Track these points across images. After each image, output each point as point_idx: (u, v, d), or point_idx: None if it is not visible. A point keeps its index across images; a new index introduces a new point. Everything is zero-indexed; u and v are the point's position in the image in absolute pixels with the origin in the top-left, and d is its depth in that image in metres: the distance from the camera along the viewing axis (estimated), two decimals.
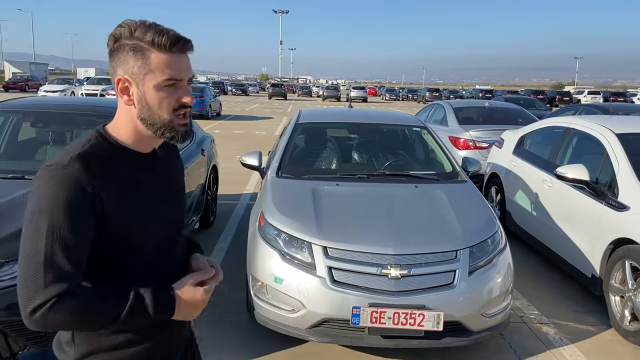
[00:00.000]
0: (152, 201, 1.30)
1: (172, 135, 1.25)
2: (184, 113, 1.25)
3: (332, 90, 48.45)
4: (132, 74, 1.20)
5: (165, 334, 1.36)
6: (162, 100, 1.21)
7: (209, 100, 21.86)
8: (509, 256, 3.49)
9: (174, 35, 1.21)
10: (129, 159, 1.27)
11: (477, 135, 8.01)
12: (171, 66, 1.20)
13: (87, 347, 1.26)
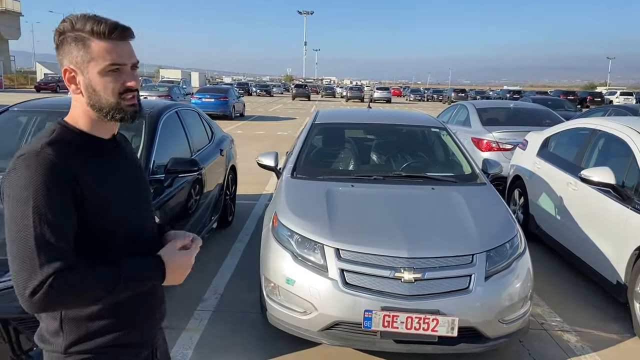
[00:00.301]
0: (121, 184, 1.37)
1: (121, 116, 1.32)
2: (131, 96, 1.31)
3: (355, 91, 48.26)
4: (77, 63, 1.27)
5: (148, 319, 1.45)
6: (107, 85, 1.28)
7: (232, 101, 22.04)
8: (528, 261, 3.39)
9: (112, 23, 1.27)
10: (93, 144, 1.34)
11: (500, 137, 7.85)
12: (112, 52, 1.27)
13: (76, 335, 1.30)
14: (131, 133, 4.28)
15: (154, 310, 1.47)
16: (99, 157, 1.33)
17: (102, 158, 1.34)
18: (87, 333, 1.31)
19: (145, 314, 1.44)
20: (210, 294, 4.24)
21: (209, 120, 5.95)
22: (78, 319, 1.30)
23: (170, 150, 4.33)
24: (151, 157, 3.94)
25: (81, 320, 1.30)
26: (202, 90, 23.26)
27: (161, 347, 1.58)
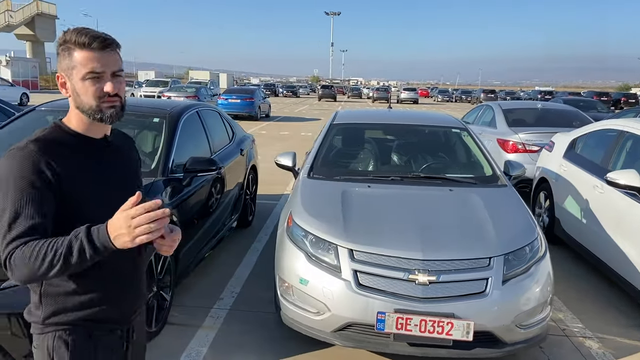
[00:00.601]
0: (106, 181, 1.49)
1: (100, 117, 1.45)
2: (111, 100, 1.44)
3: (382, 91, 48.00)
4: (64, 70, 1.44)
5: (123, 298, 1.56)
6: (87, 89, 1.42)
7: (258, 102, 22.21)
8: (548, 265, 3.30)
9: (93, 35, 1.42)
10: (82, 143, 1.48)
11: (527, 138, 7.68)
12: (91, 61, 1.41)
13: (53, 308, 1.46)
14: (153, 132, 4.35)
15: (129, 290, 1.59)
16: (86, 155, 1.47)
17: (90, 156, 1.48)
18: (64, 307, 1.46)
19: (120, 293, 1.55)
20: (227, 293, 4.26)
21: (230, 120, 6.00)
22: (55, 294, 1.45)
23: (190, 150, 4.37)
24: (170, 156, 3.99)
25: (58, 295, 1.45)
26: (229, 91, 23.50)
27: (138, 329, 1.68)
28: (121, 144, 1.64)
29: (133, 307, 1.62)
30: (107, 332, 1.54)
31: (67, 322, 1.47)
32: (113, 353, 1.57)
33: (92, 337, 1.50)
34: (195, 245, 4.23)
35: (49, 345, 1.47)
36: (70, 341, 1.47)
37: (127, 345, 1.62)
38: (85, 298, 1.47)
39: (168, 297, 3.67)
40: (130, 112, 4.62)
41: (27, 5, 51.40)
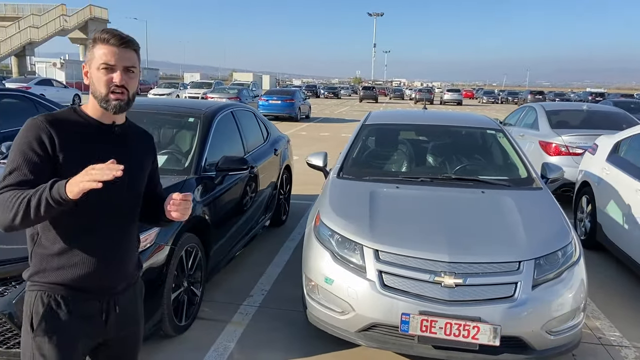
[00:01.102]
0: (98, 160, 1.53)
1: (105, 106, 1.65)
2: (119, 91, 1.64)
3: (425, 92, 47.39)
4: (87, 60, 1.68)
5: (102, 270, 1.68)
6: (99, 78, 1.64)
7: (298, 103, 22.38)
8: (582, 271, 3.19)
9: (113, 33, 1.64)
10: (88, 126, 1.68)
11: (570, 141, 7.43)
12: (106, 55, 1.63)
13: (37, 267, 1.66)
14: (188, 132, 4.46)
15: (109, 266, 1.71)
16: (90, 136, 1.67)
17: (90, 137, 1.67)
18: (44, 268, 1.65)
19: (99, 267, 1.68)
20: (256, 290, 4.33)
21: (264, 121, 6.08)
22: (40, 255, 1.66)
23: (224, 149, 4.46)
24: (203, 155, 4.09)
25: (42, 256, 1.65)
26: (269, 92, 23.78)
27: (125, 305, 1.80)
28: (133, 137, 1.81)
29: (114, 283, 1.74)
30: (82, 300, 1.68)
31: (46, 282, 1.64)
32: (88, 321, 1.70)
33: (68, 301, 1.65)
34: (227, 243, 4.31)
35: (30, 301, 1.66)
36: (46, 301, 1.64)
37: (107, 316, 1.73)
38: (63, 263, 1.64)
39: (198, 293, 3.76)
40: (168, 112, 4.78)
41: (81, 10, 53.55)
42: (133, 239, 1.83)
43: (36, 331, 1.63)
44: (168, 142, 4.51)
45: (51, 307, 1.64)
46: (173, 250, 3.31)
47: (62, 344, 1.64)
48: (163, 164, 4.05)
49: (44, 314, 1.64)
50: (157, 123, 4.69)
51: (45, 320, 1.63)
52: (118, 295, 1.77)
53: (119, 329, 1.79)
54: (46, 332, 1.63)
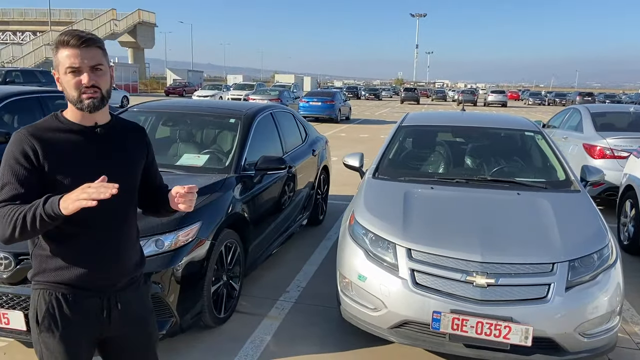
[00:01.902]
0: (86, 162, 1.70)
1: (80, 107, 1.67)
2: (91, 91, 1.65)
3: (468, 94, 46.62)
4: (55, 67, 1.68)
5: (101, 268, 1.74)
6: (68, 82, 1.65)
7: (338, 105, 22.48)
8: (619, 274, 3.15)
9: (71, 34, 1.64)
10: (70, 131, 1.71)
11: (615, 143, 7.23)
12: (69, 57, 1.62)
13: (38, 268, 1.74)
14: (229, 132, 4.64)
15: (108, 264, 1.76)
16: (70, 142, 1.69)
17: (74, 142, 1.70)
18: (45, 268, 1.72)
19: (98, 265, 1.74)
20: (293, 287, 4.45)
21: (303, 122, 6.21)
22: (40, 255, 1.73)
23: (263, 149, 4.61)
24: (243, 155, 4.25)
25: (42, 257, 1.72)
26: (310, 94, 23.99)
27: (128, 301, 1.84)
28: (122, 133, 1.82)
29: (114, 280, 1.79)
30: (83, 297, 1.73)
31: (47, 281, 1.71)
32: (90, 318, 1.75)
33: (68, 299, 1.71)
34: (265, 240, 4.46)
35: (34, 300, 1.74)
36: (48, 300, 1.71)
37: (109, 313, 1.78)
38: (61, 263, 1.70)
39: (237, 287, 3.91)
40: (211, 113, 4.98)
41: (130, 14, 55.50)
42: (131, 235, 1.86)
43: (40, 327, 1.72)
44: (210, 142, 4.71)
45: (53, 305, 1.71)
46: (213, 245, 3.47)
47: (66, 340, 1.72)
48: (205, 162, 4.23)
49: (46, 311, 1.71)
50: (200, 124, 4.91)
51: (48, 318, 1.71)
52: (119, 292, 1.81)
53: (123, 325, 1.83)
54: (49, 328, 1.71)
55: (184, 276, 3.23)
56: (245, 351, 3.39)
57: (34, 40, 48.40)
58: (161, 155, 4.61)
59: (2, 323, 2.95)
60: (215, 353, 3.36)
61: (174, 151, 4.62)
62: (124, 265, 1.82)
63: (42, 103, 6.10)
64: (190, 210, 1.82)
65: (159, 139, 4.89)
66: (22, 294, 2.93)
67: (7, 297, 2.97)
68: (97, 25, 50.36)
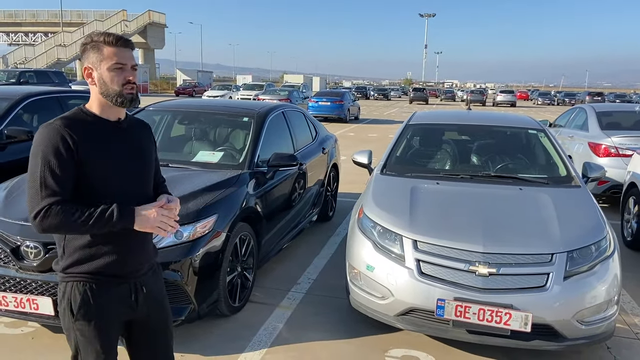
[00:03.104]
0: (117, 156, 1.84)
1: (122, 101, 1.81)
2: (130, 87, 1.82)
3: (477, 94, 46.59)
4: (93, 63, 1.80)
5: (129, 255, 1.89)
6: (112, 78, 1.79)
7: (347, 105, 22.65)
8: (616, 265, 3.30)
9: (117, 36, 1.82)
10: (98, 123, 1.84)
11: (620, 142, 7.34)
12: (117, 55, 1.79)
13: (71, 259, 1.84)
14: (242, 130, 4.83)
15: (134, 251, 1.91)
16: (100, 133, 1.82)
17: (103, 134, 1.83)
18: (79, 259, 1.83)
19: (127, 253, 1.88)
20: (304, 279, 4.63)
21: (313, 121, 6.39)
22: (73, 247, 1.82)
23: (275, 147, 4.80)
24: (256, 152, 4.44)
25: (75, 249, 1.82)
26: (319, 94, 24.17)
27: (150, 284, 2.01)
28: (136, 129, 1.98)
29: (138, 266, 1.94)
30: (115, 284, 1.88)
31: (81, 272, 1.83)
32: (121, 303, 1.90)
33: (102, 287, 1.85)
34: (277, 234, 4.64)
35: (67, 291, 1.84)
36: (82, 290, 1.83)
37: (137, 297, 1.94)
38: (94, 253, 1.82)
39: (251, 278, 4.10)
40: (224, 112, 5.17)
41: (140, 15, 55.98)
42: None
43: (76, 316, 1.83)
44: (224, 139, 4.90)
45: (88, 295, 1.82)
46: (229, 237, 3.66)
47: (101, 326, 1.85)
48: (220, 159, 4.42)
49: (82, 301, 1.82)
50: (214, 122, 5.10)
51: (84, 307, 1.82)
52: (143, 276, 1.97)
53: (148, 307, 1.98)
54: (85, 317, 1.83)
55: (202, 266, 3.41)
56: (259, 337, 3.58)
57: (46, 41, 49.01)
58: (177, 152, 4.82)
59: (31, 309, 3.15)
60: (231, 338, 3.54)
61: (190, 148, 4.82)
62: (147, 251, 1.98)
63: (61, 102, 6.33)
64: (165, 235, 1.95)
65: (174, 137, 5.08)
66: (51, 281, 3.12)
67: (37, 284, 3.17)
68: (108, 26, 50.87)
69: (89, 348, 1.87)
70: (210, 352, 3.37)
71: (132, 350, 2.08)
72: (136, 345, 2.07)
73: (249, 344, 3.48)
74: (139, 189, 1.92)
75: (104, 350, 1.88)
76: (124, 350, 2.09)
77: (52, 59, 45.76)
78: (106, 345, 1.88)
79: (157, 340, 2.08)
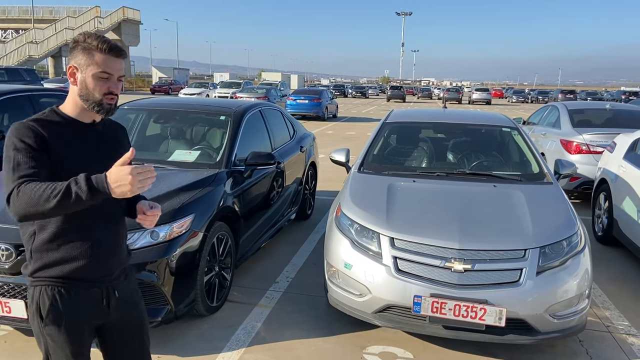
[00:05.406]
0: (87, 159, 1.79)
1: (98, 109, 1.78)
2: (111, 97, 1.78)
3: (453, 92, 47.20)
4: (80, 64, 1.75)
5: (100, 259, 1.83)
6: (95, 85, 1.75)
7: (325, 103, 22.70)
8: (587, 260, 3.38)
9: (111, 44, 1.76)
10: (71, 125, 1.80)
11: (591, 139, 7.51)
12: (105, 64, 1.75)
13: (39, 263, 1.78)
14: (219, 129, 4.80)
15: (106, 255, 1.85)
16: (74, 135, 1.79)
17: (75, 136, 1.79)
18: (47, 263, 1.77)
19: (98, 257, 1.82)
20: (282, 277, 4.63)
21: (291, 119, 6.39)
22: (40, 250, 1.77)
23: (252, 145, 4.78)
24: (233, 151, 4.42)
25: (43, 252, 1.77)
26: (297, 92, 24.15)
27: (123, 289, 1.96)
28: (111, 131, 1.95)
29: (110, 270, 1.89)
30: (85, 289, 1.82)
31: (49, 276, 1.77)
32: (92, 307, 1.85)
33: (71, 292, 1.79)
34: (255, 233, 4.63)
35: (35, 296, 1.79)
36: (51, 294, 1.77)
37: (108, 301, 1.89)
38: (62, 257, 1.77)
39: (228, 277, 4.08)
40: (201, 110, 5.13)
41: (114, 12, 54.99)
42: (123, 228, 1.97)
43: (45, 321, 1.78)
44: (201, 138, 4.86)
45: (56, 299, 1.77)
46: (206, 237, 3.63)
47: (71, 331, 1.81)
48: (197, 158, 4.39)
49: (50, 306, 1.77)
50: (190, 121, 5.06)
51: (53, 312, 1.77)
52: (115, 280, 1.92)
53: (121, 311, 1.94)
54: (55, 322, 1.78)
55: (178, 266, 3.39)
56: (237, 337, 3.57)
57: (17, 38, 47.82)
58: (153, 151, 4.76)
59: (4, 312, 3.09)
60: (209, 339, 3.53)
61: (166, 148, 4.77)
62: (119, 255, 1.94)
63: (32, 101, 6.20)
64: (152, 226, 1.92)
65: (150, 136, 5.02)
66: (23, 284, 3.07)
67: (9, 287, 3.11)
68: (80, 23, 49.89)
69: (59, 353, 1.83)
70: (187, 352, 3.35)
71: (107, 353, 2.05)
72: (110, 349, 2.04)
73: (227, 344, 3.47)
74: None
75: (75, 355, 1.85)
76: (99, 352, 2.07)
77: (23, 56, 44.67)
78: (77, 350, 1.85)
79: (132, 344, 2.05)
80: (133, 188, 1.54)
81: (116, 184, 1.54)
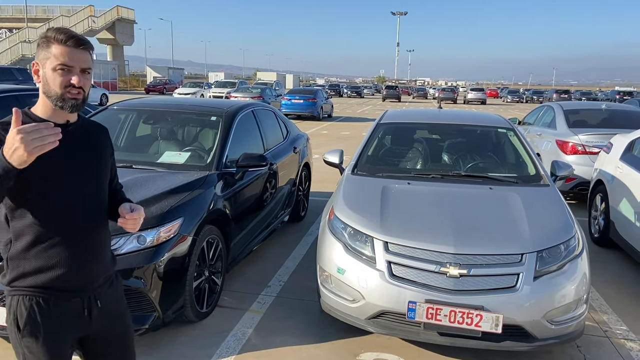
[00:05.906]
0: (59, 163, 1.68)
1: (61, 105, 1.67)
2: (76, 91, 1.66)
3: (448, 92, 47.22)
4: (40, 59, 1.67)
5: (80, 268, 1.74)
6: (55, 79, 1.65)
7: (320, 102, 22.62)
8: (585, 264, 3.31)
9: (69, 34, 1.65)
10: None
11: (587, 140, 7.45)
12: (64, 55, 1.64)
13: (16, 272, 1.71)
14: (211, 130, 4.70)
15: (86, 263, 1.77)
16: None
17: None
18: (23, 272, 1.70)
19: (77, 266, 1.74)
20: (275, 281, 4.54)
21: (284, 120, 6.30)
22: (17, 259, 1.70)
23: (244, 146, 4.69)
24: (224, 152, 4.32)
25: (19, 260, 1.70)
26: (292, 92, 24.05)
27: (106, 299, 1.86)
28: (89, 133, 1.83)
29: (92, 278, 1.80)
30: (65, 299, 1.74)
31: (27, 286, 1.70)
32: (73, 318, 1.76)
33: (50, 302, 1.71)
34: (246, 236, 4.54)
35: (13, 306, 1.71)
36: (29, 305, 1.69)
37: (90, 312, 1.80)
38: (40, 266, 1.69)
39: (219, 282, 3.99)
40: (192, 111, 5.03)
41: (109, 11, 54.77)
42: (105, 234, 1.87)
43: (23, 332, 1.70)
44: (191, 139, 4.77)
45: (34, 309, 1.70)
46: (195, 241, 3.54)
47: (49, 342, 1.72)
48: (187, 160, 4.29)
49: (28, 317, 1.69)
50: (181, 121, 4.96)
51: (31, 324, 1.70)
52: (98, 290, 1.83)
53: (104, 321, 1.86)
54: (32, 333, 1.70)
55: (166, 272, 3.29)
56: (227, 344, 3.47)
57: (10, 37, 47.48)
58: (142, 153, 4.66)
59: None
60: (198, 346, 3.43)
61: (155, 149, 4.66)
62: (101, 263, 1.84)
63: (20, 101, 6.08)
64: (135, 230, 1.84)
65: (139, 137, 4.92)
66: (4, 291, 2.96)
67: None
68: (74, 22, 49.58)
69: None
70: None
71: None
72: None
73: (216, 351, 3.38)
74: (88, 195, 1.77)
75: None
76: None
77: (16, 55, 44.32)
78: None
79: (116, 354, 1.96)
80: (28, 148, 1.41)
81: (10, 151, 1.43)
